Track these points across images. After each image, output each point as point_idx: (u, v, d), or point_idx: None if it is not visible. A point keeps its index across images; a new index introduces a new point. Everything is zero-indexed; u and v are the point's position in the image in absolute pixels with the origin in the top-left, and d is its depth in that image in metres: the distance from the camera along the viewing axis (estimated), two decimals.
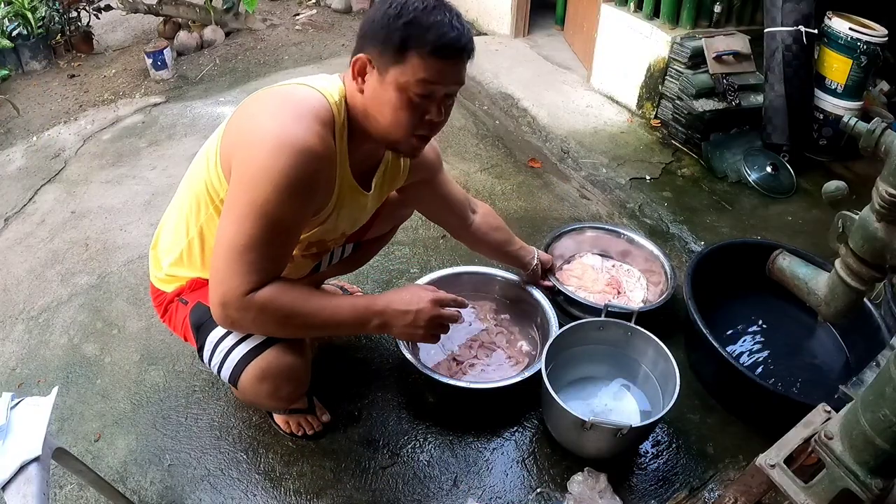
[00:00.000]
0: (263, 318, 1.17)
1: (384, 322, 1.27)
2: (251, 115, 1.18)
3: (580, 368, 1.74)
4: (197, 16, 4.21)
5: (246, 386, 1.31)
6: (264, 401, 1.38)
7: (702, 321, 1.68)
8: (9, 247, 2.40)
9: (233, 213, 1.13)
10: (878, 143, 1.02)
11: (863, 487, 1.09)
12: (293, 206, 1.13)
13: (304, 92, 1.19)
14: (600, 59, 3.26)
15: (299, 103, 1.16)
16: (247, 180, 1.12)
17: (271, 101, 1.18)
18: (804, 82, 2.59)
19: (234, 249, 1.12)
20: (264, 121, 1.14)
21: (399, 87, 1.15)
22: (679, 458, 1.62)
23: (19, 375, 1.85)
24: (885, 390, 1.01)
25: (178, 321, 1.42)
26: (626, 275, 2.12)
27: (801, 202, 2.53)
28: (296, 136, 1.10)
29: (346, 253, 1.72)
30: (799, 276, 1.27)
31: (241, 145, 1.16)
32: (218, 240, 1.16)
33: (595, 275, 2.10)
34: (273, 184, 1.09)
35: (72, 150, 3.03)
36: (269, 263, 1.15)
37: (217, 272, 1.15)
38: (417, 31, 1.12)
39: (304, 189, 1.13)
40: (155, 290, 1.48)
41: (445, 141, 3.00)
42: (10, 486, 1.07)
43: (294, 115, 1.13)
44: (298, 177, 1.10)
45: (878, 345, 1.64)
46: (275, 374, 1.29)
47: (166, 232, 1.43)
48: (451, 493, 1.53)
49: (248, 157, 1.13)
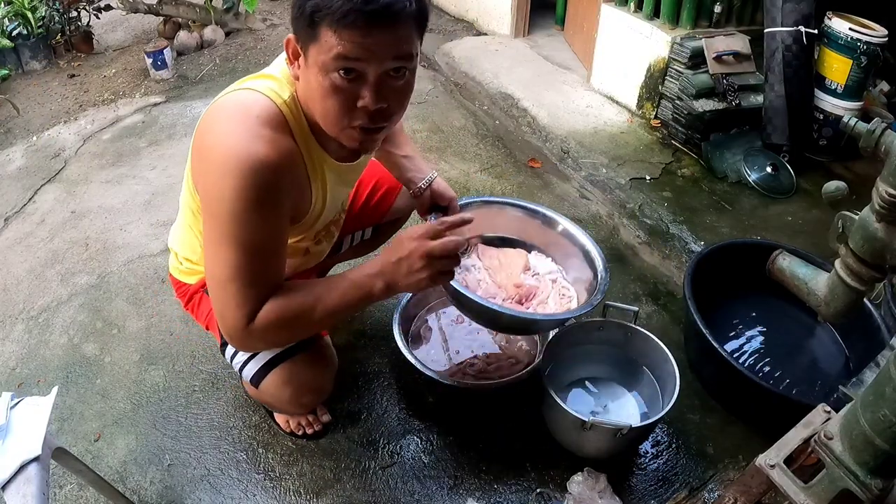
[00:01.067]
0: (272, 335, 1.12)
1: (387, 282, 1.12)
2: (201, 134, 1.10)
3: (580, 368, 1.74)
4: (197, 16, 4.20)
5: (269, 389, 1.31)
6: (284, 406, 1.39)
7: (702, 321, 1.68)
8: (9, 247, 2.40)
9: (209, 246, 1.09)
10: (878, 143, 1.01)
11: (863, 488, 1.09)
12: (261, 223, 1.05)
13: (245, 98, 1.10)
14: (600, 59, 3.26)
15: (243, 112, 1.06)
16: (210, 210, 1.06)
17: (217, 116, 1.09)
18: (804, 82, 2.59)
19: (220, 284, 1.08)
20: (212, 141, 1.06)
21: (321, 69, 1.00)
22: (679, 458, 1.62)
23: (19, 375, 1.85)
24: (885, 390, 1.01)
25: (202, 310, 1.43)
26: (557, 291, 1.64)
27: (801, 202, 2.53)
28: (242, 153, 1.01)
29: (367, 236, 1.76)
30: (799, 276, 1.27)
31: (199, 170, 1.11)
32: (206, 277, 1.13)
33: (517, 273, 1.65)
34: (232, 209, 1.02)
35: (72, 149, 3.03)
36: (257, 287, 1.08)
37: (215, 308, 1.11)
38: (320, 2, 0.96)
39: (267, 203, 1.05)
40: (176, 282, 1.48)
41: (445, 141, 3.00)
42: (10, 486, 1.07)
43: (238, 127, 1.04)
44: (256, 195, 1.02)
45: (878, 345, 1.64)
46: (300, 381, 1.30)
47: (180, 234, 1.43)
48: (451, 493, 1.53)
49: (204, 184, 1.08)
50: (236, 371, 1.38)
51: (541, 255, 1.73)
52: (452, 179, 2.70)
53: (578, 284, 1.63)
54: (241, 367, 1.34)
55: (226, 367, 1.82)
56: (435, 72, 3.74)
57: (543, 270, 1.69)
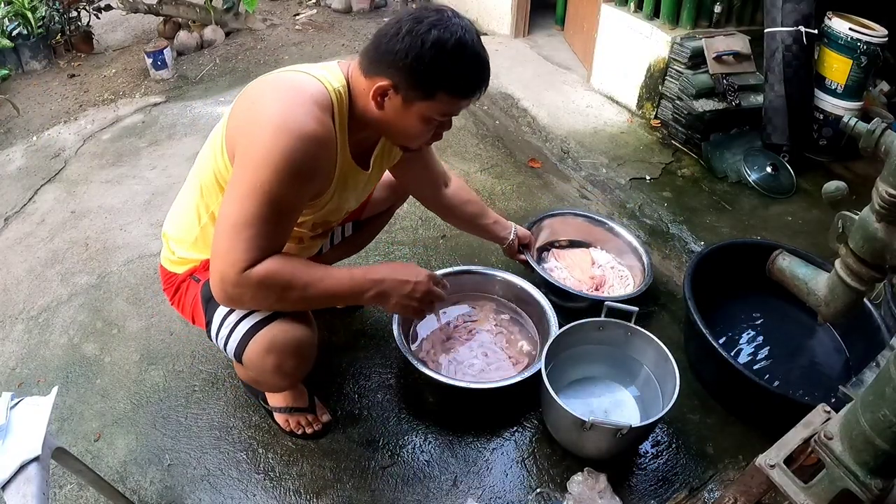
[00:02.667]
0: (262, 292, 1.19)
1: (381, 291, 1.31)
2: (252, 102, 1.21)
3: (580, 368, 1.74)
4: (197, 16, 4.20)
5: (251, 358, 1.32)
6: (269, 377, 1.38)
7: (702, 321, 1.68)
8: (9, 247, 2.40)
9: (235, 192, 1.16)
10: (878, 143, 1.02)
11: (863, 488, 1.09)
12: (293, 188, 1.16)
13: (302, 79, 1.22)
14: (600, 59, 3.26)
15: (299, 90, 1.19)
16: (249, 162, 1.14)
17: (271, 88, 1.21)
18: (804, 82, 2.59)
19: (234, 227, 1.15)
20: (265, 107, 1.16)
21: (424, 118, 1.23)
22: (679, 458, 1.62)
23: (19, 375, 1.85)
24: (885, 390, 1.01)
25: (188, 300, 1.44)
26: (617, 276, 2.13)
27: (801, 202, 2.53)
28: (296, 120, 1.13)
29: (348, 233, 1.79)
30: (799, 277, 1.27)
31: (244, 130, 1.19)
32: (219, 218, 1.19)
33: (588, 267, 2.14)
34: (274, 165, 1.12)
35: (72, 149, 3.03)
36: (266, 241, 1.17)
37: (216, 249, 1.17)
38: (449, 78, 1.18)
39: (305, 172, 1.16)
40: (166, 273, 1.50)
41: (445, 141, 3.00)
42: (10, 486, 1.07)
43: (294, 100, 1.16)
44: (299, 159, 1.13)
45: (878, 345, 1.64)
46: (281, 346, 1.30)
47: (178, 218, 1.45)
48: (451, 493, 1.53)
49: (251, 140, 1.15)
50: (221, 348, 1.38)
51: (599, 250, 2.22)
52: None
53: (634, 269, 2.12)
54: (224, 342, 1.34)
55: (226, 366, 1.82)
56: None
57: (604, 261, 2.17)
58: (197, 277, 1.42)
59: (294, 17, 4.63)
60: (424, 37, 1.14)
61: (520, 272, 1.96)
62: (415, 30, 1.14)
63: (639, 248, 2.11)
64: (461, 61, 1.18)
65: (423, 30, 1.14)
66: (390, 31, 1.18)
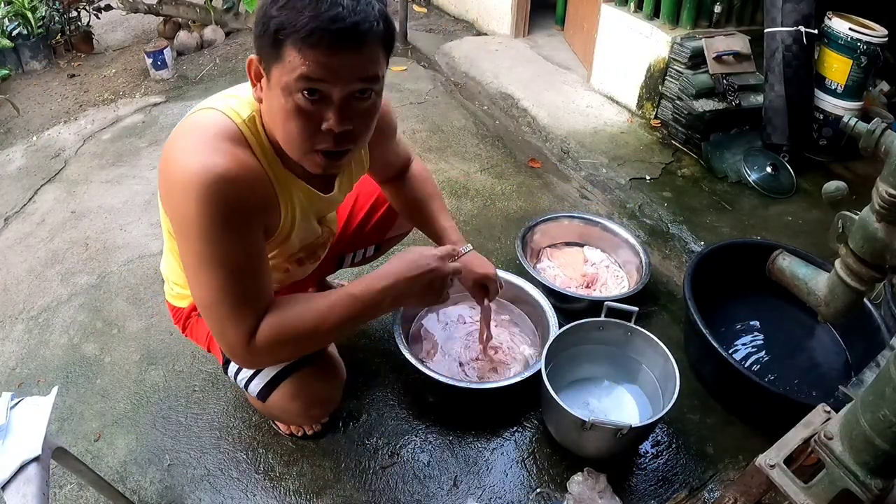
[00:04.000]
0: (276, 352, 1.11)
1: (397, 296, 1.14)
2: (164, 157, 1.07)
3: (580, 368, 1.74)
4: (197, 16, 4.20)
5: (276, 404, 1.30)
6: (292, 418, 1.38)
7: (702, 321, 1.68)
8: (9, 247, 2.40)
9: (188, 271, 1.06)
10: (878, 143, 1.01)
11: (863, 488, 1.09)
12: (235, 240, 1.02)
13: (206, 117, 1.08)
14: (600, 59, 3.26)
15: (201, 130, 1.04)
16: (180, 234, 1.04)
17: (176, 137, 1.08)
18: (804, 82, 2.59)
19: (209, 307, 1.05)
20: (171, 161, 1.03)
21: (284, 90, 0.97)
22: (679, 458, 1.62)
23: (19, 375, 1.85)
24: (885, 391, 1.01)
25: (200, 334, 1.42)
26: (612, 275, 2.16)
27: (801, 202, 2.53)
28: (201, 168, 0.98)
29: (370, 254, 1.77)
30: (799, 277, 1.27)
31: (163, 195, 1.09)
32: (194, 300, 1.10)
33: (580, 265, 2.18)
34: (200, 229, 1.00)
35: (72, 149, 3.03)
36: (249, 303, 1.06)
37: (214, 334, 1.09)
38: (290, 15, 0.92)
39: (236, 218, 1.02)
40: (173, 308, 1.48)
41: (445, 141, 3.00)
42: (10, 486, 1.07)
43: (196, 145, 1.02)
44: (221, 210, 0.99)
45: (878, 345, 1.64)
46: (307, 395, 1.28)
47: (166, 258, 1.42)
48: (451, 493, 1.53)
49: (170, 207, 1.06)
50: (241, 387, 1.37)
51: (593, 249, 2.25)
52: (452, 179, 2.71)
53: (629, 266, 2.14)
54: (246, 383, 1.32)
55: None
56: (435, 72, 3.74)
57: (597, 260, 2.21)
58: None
59: None
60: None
61: (519, 272, 1.96)
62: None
63: (636, 246, 2.12)
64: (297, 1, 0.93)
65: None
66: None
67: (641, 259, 2.07)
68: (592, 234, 2.26)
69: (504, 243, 2.31)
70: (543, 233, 2.25)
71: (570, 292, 1.99)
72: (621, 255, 2.20)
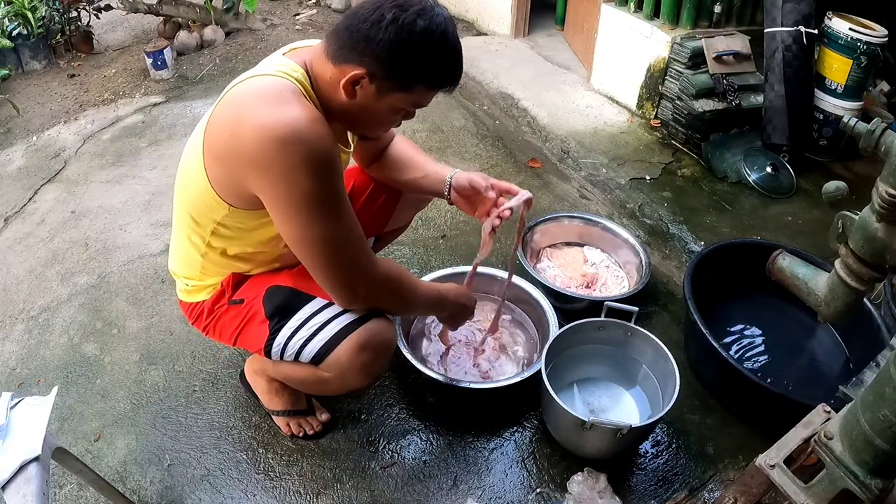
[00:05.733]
0: (389, 288, 1.29)
1: (454, 311, 1.50)
2: (235, 126, 1.10)
3: (580, 368, 1.74)
4: (197, 16, 4.20)
5: (338, 359, 1.29)
6: (350, 375, 1.32)
7: (702, 321, 1.68)
8: (9, 247, 2.40)
9: (302, 230, 1.14)
10: (878, 143, 1.01)
11: (863, 488, 1.09)
12: (339, 178, 1.15)
13: (268, 81, 1.13)
14: (600, 59, 3.26)
15: (274, 91, 1.10)
16: (285, 188, 1.08)
17: (242, 107, 1.11)
18: (804, 82, 2.59)
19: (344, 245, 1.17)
20: (255, 126, 1.06)
21: (395, 109, 1.18)
22: (679, 458, 1.62)
23: (19, 375, 1.85)
24: (885, 391, 1.01)
25: (226, 326, 1.40)
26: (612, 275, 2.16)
27: (801, 202, 2.53)
28: (293, 120, 1.06)
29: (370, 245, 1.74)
30: (799, 276, 1.27)
31: (246, 164, 1.10)
32: (303, 254, 1.18)
33: (580, 265, 2.19)
34: (315, 173, 1.08)
35: (72, 149, 3.03)
36: (360, 237, 1.20)
37: (338, 274, 1.20)
38: (431, 71, 1.14)
39: (334, 159, 1.12)
40: (188, 306, 1.45)
41: (445, 141, 3.00)
42: (10, 486, 1.07)
43: (277, 102, 1.08)
44: (325, 152, 1.09)
45: (878, 345, 1.64)
46: (375, 344, 1.30)
47: (179, 255, 1.41)
48: (451, 493, 1.53)
49: (267, 166, 1.07)
50: (290, 355, 1.32)
51: (593, 249, 2.26)
52: None
53: (629, 266, 2.16)
54: (304, 342, 1.29)
55: (226, 366, 1.82)
56: None
57: (597, 260, 2.22)
58: (236, 300, 1.37)
59: (294, 17, 4.63)
60: (411, 27, 1.06)
61: (519, 272, 1.96)
62: (400, 18, 1.06)
63: (636, 246, 2.13)
64: (444, 54, 1.13)
65: (409, 19, 1.06)
66: (370, 16, 1.07)
67: (641, 259, 2.07)
68: (592, 234, 2.26)
69: (504, 243, 2.31)
70: (543, 233, 2.25)
71: (570, 292, 2.00)
72: (621, 255, 2.19)
